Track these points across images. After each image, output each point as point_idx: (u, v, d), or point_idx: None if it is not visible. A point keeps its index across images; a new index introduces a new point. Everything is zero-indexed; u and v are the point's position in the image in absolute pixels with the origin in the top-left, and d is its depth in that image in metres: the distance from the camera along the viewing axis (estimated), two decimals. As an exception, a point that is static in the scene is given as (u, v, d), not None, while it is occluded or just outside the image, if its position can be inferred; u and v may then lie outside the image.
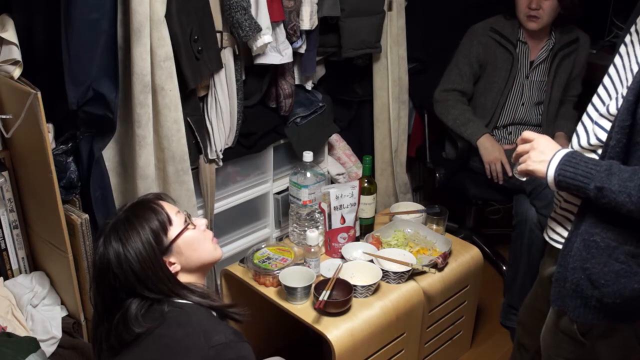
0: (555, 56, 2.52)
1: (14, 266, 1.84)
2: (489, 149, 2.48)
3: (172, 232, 1.28)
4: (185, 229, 1.30)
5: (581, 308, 1.34)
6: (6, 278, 1.82)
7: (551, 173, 1.30)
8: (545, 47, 2.53)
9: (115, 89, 1.65)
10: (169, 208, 1.31)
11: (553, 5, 2.39)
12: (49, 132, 1.59)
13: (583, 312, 1.34)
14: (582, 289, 1.31)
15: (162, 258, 1.26)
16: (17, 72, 1.58)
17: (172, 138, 1.80)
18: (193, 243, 1.31)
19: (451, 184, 2.69)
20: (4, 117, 1.63)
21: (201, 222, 1.36)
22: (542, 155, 1.33)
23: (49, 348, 1.70)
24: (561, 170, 1.28)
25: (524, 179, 1.44)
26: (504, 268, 2.75)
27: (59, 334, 1.73)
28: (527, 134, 1.40)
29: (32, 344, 1.58)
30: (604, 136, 1.30)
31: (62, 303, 1.82)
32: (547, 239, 1.50)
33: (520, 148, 1.40)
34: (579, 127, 1.39)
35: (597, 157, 1.32)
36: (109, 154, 1.80)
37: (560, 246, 1.44)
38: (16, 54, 1.59)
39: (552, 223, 1.47)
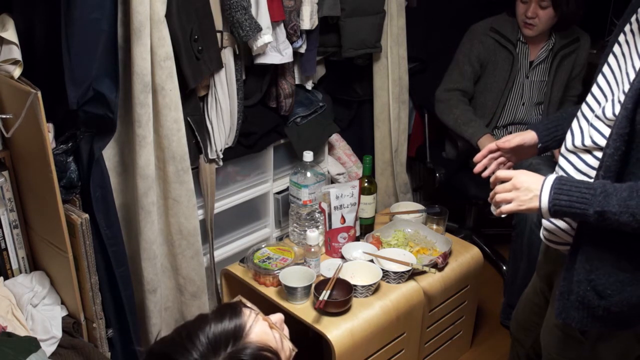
0: (555, 56, 2.52)
1: (14, 266, 1.84)
2: None
3: None
4: None
5: (588, 318, 1.33)
6: (6, 278, 1.82)
7: (544, 206, 1.26)
8: (545, 47, 2.53)
9: (115, 88, 1.65)
10: None
11: (549, 14, 2.39)
12: (49, 131, 1.59)
13: (590, 322, 1.33)
14: (588, 300, 1.30)
15: None
16: (17, 71, 1.58)
17: (172, 138, 1.80)
18: None
19: (451, 184, 2.69)
20: (4, 116, 1.63)
21: None
22: (529, 192, 1.28)
23: (49, 348, 1.70)
24: (554, 200, 1.24)
25: (504, 216, 1.37)
26: (504, 268, 2.75)
27: (59, 333, 1.73)
28: (502, 173, 1.35)
29: (32, 343, 1.58)
30: (598, 139, 1.29)
31: (62, 303, 1.82)
32: (542, 239, 1.50)
33: (501, 189, 1.33)
34: (574, 126, 1.38)
35: (593, 159, 1.31)
36: (109, 154, 1.80)
37: (555, 246, 1.44)
38: (16, 53, 1.58)
39: (547, 223, 1.46)
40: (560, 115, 1.54)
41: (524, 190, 1.29)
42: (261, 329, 0.96)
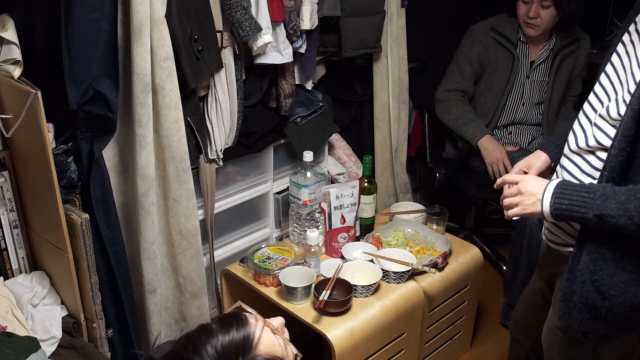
0: (556, 56, 2.52)
1: (14, 266, 1.84)
2: (490, 150, 2.48)
3: None
4: None
5: (591, 320, 1.33)
6: (6, 278, 1.82)
7: (546, 209, 1.30)
8: (545, 47, 2.53)
9: (115, 88, 1.65)
10: None
11: (551, 13, 2.39)
12: (49, 131, 1.59)
13: (593, 323, 1.33)
14: (592, 301, 1.31)
15: None
16: (17, 71, 1.58)
17: (172, 138, 1.80)
18: None
19: (451, 184, 2.69)
20: (4, 116, 1.63)
21: None
22: (532, 197, 1.33)
23: (49, 348, 1.70)
24: (556, 204, 1.28)
25: (517, 218, 1.44)
26: (504, 268, 2.75)
27: (59, 333, 1.73)
28: (510, 177, 1.41)
29: (32, 343, 1.58)
30: (603, 138, 1.29)
31: (62, 303, 1.82)
32: (544, 238, 1.50)
33: (508, 192, 1.40)
34: (576, 127, 1.38)
35: (597, 160, 1.31)
36: (109, 154, 1.80)
37: (556, 247, 1.44)
38: (16, 53, 1.58)
39: (549, 224, 1.47)
40: (565, 130, 1.55)
41: (527, 194, 1.34)
42: (268, 338, 0.94)
